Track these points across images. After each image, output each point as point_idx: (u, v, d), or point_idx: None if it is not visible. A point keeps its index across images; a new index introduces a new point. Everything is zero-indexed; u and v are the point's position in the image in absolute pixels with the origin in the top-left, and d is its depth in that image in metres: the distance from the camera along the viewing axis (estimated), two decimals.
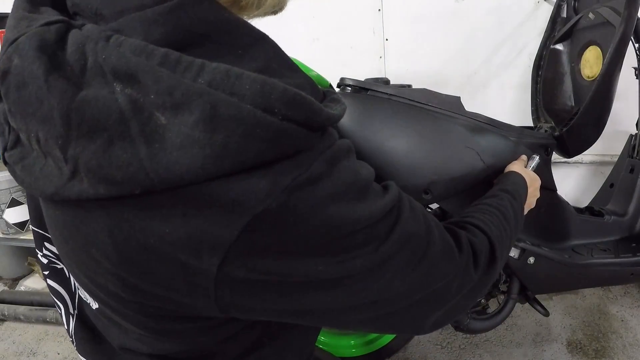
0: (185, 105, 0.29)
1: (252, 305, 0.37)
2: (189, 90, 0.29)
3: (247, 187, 0.31)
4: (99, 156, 0.30)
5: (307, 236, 0.33)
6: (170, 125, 0.29)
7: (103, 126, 0.30)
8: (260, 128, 0.30)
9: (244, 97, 0.30)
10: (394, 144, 0.97)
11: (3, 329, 1.81)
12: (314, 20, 1.77)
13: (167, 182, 0.30)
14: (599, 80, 1.09)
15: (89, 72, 0.31)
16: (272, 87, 0.30)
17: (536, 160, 1.01)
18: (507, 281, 1.26)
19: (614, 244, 1.29)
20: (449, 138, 1.00)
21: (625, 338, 1.52)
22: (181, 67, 0.30)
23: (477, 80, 1.79)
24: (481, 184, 1.04)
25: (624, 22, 1.02)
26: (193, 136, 0.29)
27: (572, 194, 1.87)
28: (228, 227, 0.31)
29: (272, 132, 0.30)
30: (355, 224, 0.36)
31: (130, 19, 0.32)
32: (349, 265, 0.36)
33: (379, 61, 1.81)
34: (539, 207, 1.18)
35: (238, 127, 0.29)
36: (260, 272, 0.34)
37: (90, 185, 0.31)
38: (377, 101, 0.98)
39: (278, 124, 0.30)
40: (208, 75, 0.30)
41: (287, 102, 0.31)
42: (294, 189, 0.32)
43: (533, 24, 1.67)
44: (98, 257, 0.35)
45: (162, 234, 0.32)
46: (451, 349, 1.51)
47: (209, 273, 0.33)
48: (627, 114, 1.46)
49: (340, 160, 0.36)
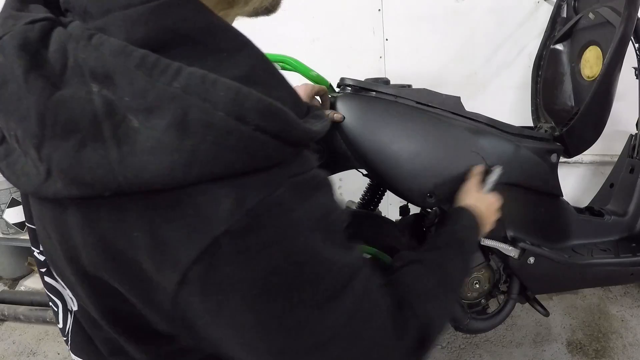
0: (158, 108, 0.29)
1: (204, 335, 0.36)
2: (162, 94, 0.29)
3: (213, 200, 0.30)
4: (71, 157, 0.30)
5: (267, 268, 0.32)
6: (142, 128, 0.29)
7: (77, 127, 0.30)
8: (231, 136, 0.29)
9: (217, 104, 0.29)
10: (397, 147, 0.97)
11: (3, 329, 1.81)
12: (314, 20, 1.77)
13: (135, 186, 0.29)
14: (599, 80, 1.09)
15: (69, 71, 0.31)
16: (247, 96, 0.30)
17: (497, 172, 0.96)
18: (507, 281, 1.26)
19: (614, 244, 1.29)
20: (452, 141, 1.00)
21: (625, 338, 1.52)
22: (157, 70, 0.30)
23: (477, 80, 1.79)
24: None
25: (624, 22, 1.02)
26: (163, 141, 0.29)
27: (572, 194, 1.87)
28: (190, 245, 0.30)
29: (243, 141, 0.29)
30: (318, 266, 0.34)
31: (114, 17, 0.32)
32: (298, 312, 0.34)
33: (379, 61, 1.81)
34: (540, 207, 1.18)
35: (208, 133, 0.29)
36: (216, 301, 0.32)
37: (63, 186, 0.31)
38: (380, 103, 0.98)
39: (250, 133, 0.29)
40: (183, 80, 0.29)
41: (261, 112, 0.30)
42: (260, 212, 0.30)
43: (533, 24, 1.67)
44: (72, 255, 0.35)
45: (130, 239, 0.31)
46: (451, 349, 1.51)
47: (168, 291, 0.32)
48: (627, 114, 1.46)
49: (314, 191, 0.34)
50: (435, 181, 0.99)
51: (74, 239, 0.34)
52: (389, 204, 1.96)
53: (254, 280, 0.32)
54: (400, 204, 1.47)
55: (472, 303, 1.25)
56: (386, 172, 0.98)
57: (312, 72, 1.04)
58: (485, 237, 1.13)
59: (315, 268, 0.34)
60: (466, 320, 1.20)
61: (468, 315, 1.20)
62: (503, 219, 1.12)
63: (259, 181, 0.31)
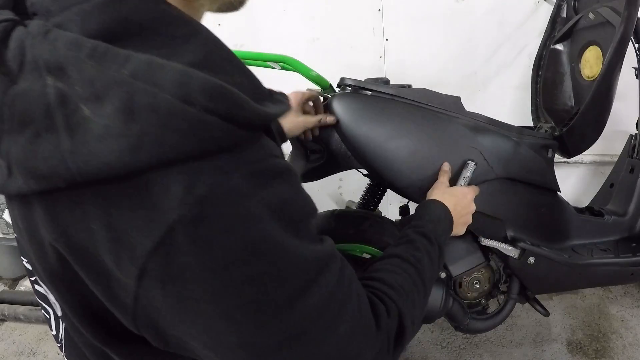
0: (107, 95, 0.29)
1: (171, 333, 0.35)
2: (110, 81, 0.29)
3: (164, 188, 0.29)
4: (26, 149, 0.30)
5: (226, 258, 0.31)
6: (93, 116, 0.29)
7: (31, 119, 0.30)
8: (177, 118, 0.29)
9: (163, 86, 0.29)
10: (396, 144, 0.97)
11: (3, 329, 1.81)
12: (314, 20, 1.77)
13: (86, 175, 0.29)
14: (599, 80, 1.09)
15: (26, 67, 0.31)
16: (193, 77, 0.29)
17: (471, 167, 0.96)
18: (507, 281, 1.26)
19: (614, 244, 1.29)
20: (451, 137, 1.00)
21: (625, 338, 1.52)
22: (107, 59, 0.30)
23: (477, 80, 1.79)
24: (483, 183, 1.04)
25: (624, 22, 1.02)
26: (111, 127, 0.28)
27: (572, 194, 1.87)
28: (145, 235, 0.30)
29: (189, 122, 0.29)
30: (281, 257, 0.34)
31: (71, 12, 0.32)
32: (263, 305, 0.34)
33: (379, 61, 1.81)
34: (539, 207, 1.18)
35: (154, 116, 0.28)
36: (177, 294, 0.32)
37: (23, 181, 0.31)
38: (379, 101, 0.98)
39: (196, 115, 0.29)
40: (131, 66, 0.29)
41: (207, 93, 0.29)
42: (212, 199, 0.30)
43: (533, 24, 1.67)
44: (42, 254, 0.35)
45: (90, 233, 0.31)
46: (451, 349, 1.51)
47: (129, 287, 0.32)
48: (627, 114, 1.46)
49: (273, 179, 0.34)
50: (434, 178, 0.99)
51: (41, 236, 0.34)
52: (389, 204, 1.96)
53: (213, 272, 0.31)
54: (400, 204, 1.47)
55: (472, 303, 1.25)
56: (385, 170, 0.98)
57: (312, 72, 1.04)
58: (485, 237, 1.13)
59: (278, 259, 0.33)
60: (466, 320, 1.20)
61: (468, 315, 1.20)
62: (503, 218, 1.12)
63: (211, 166, 0.30)
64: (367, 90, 0.99)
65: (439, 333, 1.58)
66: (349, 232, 1.16)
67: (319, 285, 0.37)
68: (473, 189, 0.88)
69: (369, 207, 1.32)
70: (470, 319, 1.20)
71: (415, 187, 0.99)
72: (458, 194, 0.84)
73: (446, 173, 0.93)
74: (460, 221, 0.80)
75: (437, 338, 1.56)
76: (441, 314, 1.13)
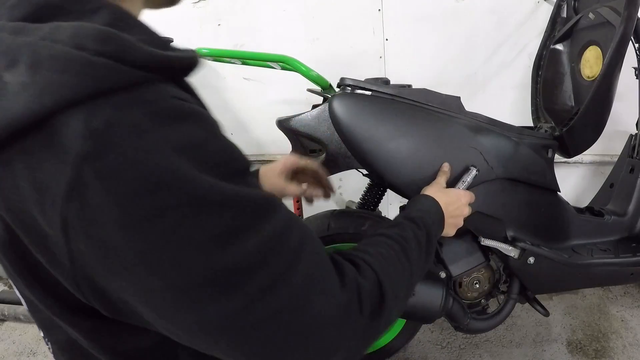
0: (20, 58, 0.32)
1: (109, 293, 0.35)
2: (21, 45, 0.33)
3: (68, 128, 0.31)
4: None
5: (131, 192, 0.32)
6: (10, 79, 0.32)
7: None
8: (73, 62, 0.32)
9: (62, 40, 0.33)
10: (396, 143, 0.97)
11: (3, 329, 1.81)
12: (314, 20, 1.77)
13: (4, 129, 0.31)
14: (599, 80, 1.09)
15: None
16: (86, 28, 0.33)
17: (472, 173, 0.97)
18: (507, 281, 1.26)
19: (614, 244, 1.29)
20: (451, 137, 1.00)
21: (625, 338, 1.52)
22: (23, 32, 0.34)
23: (477, 80, 1.79)
24: (484, 183, 1.04)
25: (624, 22, 1.02)
26: (22, 82, 0.32)
27: (572, 194, 1.87)
28: (59, 180, 0.31)
29: (83, 65, 0.32)
30: (191, 192, 0.33)
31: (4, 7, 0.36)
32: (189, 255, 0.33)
33: (379, 61, 1.81)
34: (539, 207, 1.18)
35: (54, 64, 0.32)
36: (99, 241, 0.32)
37: None
38: (379, 101, 0.98)
39: (88, 58, 0.32)
40: (41, 32, 0.33)
41: (98, 39, 0.33)
42: (108, 133, 0.31)
43: (533, 24, 1.67)
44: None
45: (20, 192, 0.33)
46: (451, 349, 1.51)
47: (60, 243, 0.33)
48: (627, 114, 1.46)
49: (176, 120, 0.34)
50: (434, 178, 0.99)
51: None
52: (389, 204, 1.96)
53: (121, 207, 0.31)
54: (401, 203, 1.48)
55: (472, 303, 1.25)
56: (385, 170, 0.98)
57: (312, 72, 1.04)
58: (485, 237, 1.13)
59: (190, 194, 0.33)
60: (466, 320, 1.20)
61: (468, 315, 1.20)
62: (503, 218, 1.12)
63: (107, 103, 0.32)
64: (367, 90, 0.99)
65: (439, 333, 1.58)
66: (349, 232, 1.16)
67: (257, 231, 0.36)
68: (469, 194, 0.87)
69: (369, 207, 1.32)
70: (470, 319, 1.20)
71: (415, 187, 0.99)
72: (452, 194, 0.84)
73: (445, 174, 0.93)
74: (451, 221, 0.79)
75: (437, 338, 1.56)
76: (441, 314, 1.13)
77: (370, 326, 0.47)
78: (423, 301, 1.10)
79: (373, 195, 1.31)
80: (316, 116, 1.12)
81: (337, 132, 0.99)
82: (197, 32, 1.87)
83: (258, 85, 1.88)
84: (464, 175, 0.97)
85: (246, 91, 1.90)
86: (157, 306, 0.35)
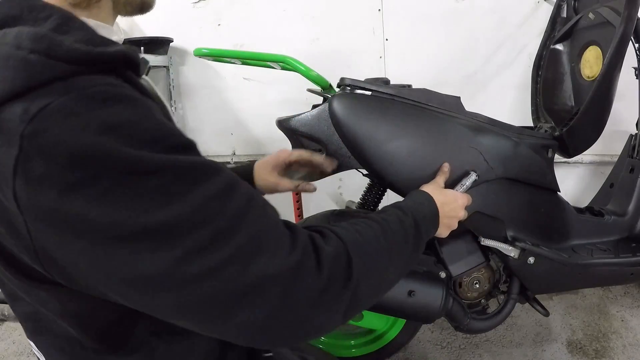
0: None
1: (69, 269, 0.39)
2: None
3: (12, 115, 0.36)
4: None
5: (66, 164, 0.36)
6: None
7: None
8: (12, 60, 0.37)
9: (8, 43, 0.39)
10: (396, 144, 0.97)
11: (3, 329, 1.81)
12: (314, 20, 1.77)
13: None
14: (599, 80, 1.09)
15: None
16: (24, 32, 0.39)
17: (472, 178, 0.96)
18: (507, 281, 1.26)
19: (614, 244, 1.29)
20: (451, 137, 1.00)
21: (625, 338, 1.52)
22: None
23: (477, 80, 1.79)
24: (483, 183, 1.04)
25: (624, 22, 1.02)
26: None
27: (572, 194, 1.87)
28: (8, 159, 0.36)
29: (20, 61, 0.37)
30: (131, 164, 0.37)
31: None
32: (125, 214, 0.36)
33: (379, 61, 1.81)
34: (539, 207, 1.18)
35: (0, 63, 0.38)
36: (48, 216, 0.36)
37: None
38: (378, 101, 0.98)
39: (24, 55, 0.38)
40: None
41: (32, 40, 0.38)
42: (44, 116, 0.36)
43: (533, 24, 1.67)
44: None
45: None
46: (451, 349, 1.51)
47: (17, 216, 0.37)
48: (627, 114, 1.46)
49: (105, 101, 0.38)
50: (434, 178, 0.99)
51: None
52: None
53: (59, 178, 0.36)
54: None
55: (472, 303, 1.25)
56: (385, 170, 0.98)
57: (312, 72, 1.04)
58: (485, 237, 1.13)
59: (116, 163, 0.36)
60: (466, 320, 1.20)
61: (468, 315, 1.20)
62: (503, 218, 1.12)
63: (44, 92, 0.37)
64: (367, 90, 0.99)
65: (439, 333, 1.58)
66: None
67: (196, 192, 0.39)
68: (466, 197, 0.86)
69: (369, 207, 1.32)
70: (470, 319, 1.20)
71: (414, 188, 0.99)
72: (449, 195, 0.82)
73: (444, 174, 0.92)
74: (445, 222, 0.78)
75: (437, 338, 1.56)
76: (441, 314, 1.13)
77: (336, 293, 0.47)
78: (423, 301, 1.10)
79: (373, 195, 1.31)
80: (316, 116, 1.12)
81: (337, 132, 0.99)
82: (197, 32, 1.87)
83: (258, 85, 1.88)
84: (463, 178, 0.97)
85: (246, 91, 1.90)
86: (98, 264, 0.38)
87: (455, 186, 0.95)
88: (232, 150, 1.98)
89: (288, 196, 1.67)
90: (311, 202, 1.96)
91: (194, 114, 1.97)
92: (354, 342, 1.41)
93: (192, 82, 1.97)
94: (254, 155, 1.96)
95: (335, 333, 1.46)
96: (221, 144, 1.98)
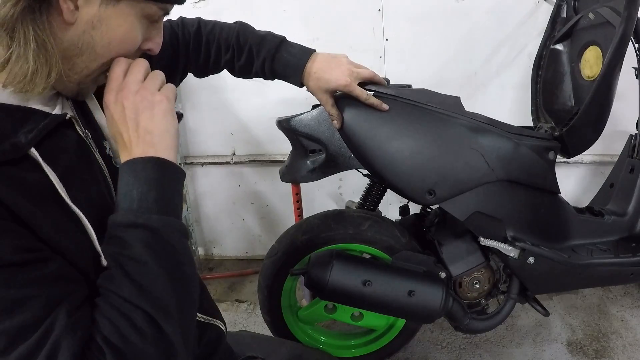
0: None
1: None
2: None
3: None
4: None
5: None
6: None
7: None
8: None
9: None
10: (397, 144, 0.97)
11: None
12: (314, 20, 1.77)
13: None
14: (599, 80, 1.09)
15: None
16: None
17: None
18: (507, 281, 1.26)
19: (614, 244, 1.29)
20: (453, 139, 1.00)
21: (625, 338, 1.52)
22: None
23: (477, 80, 1.79)
24: (484, 185, 1.04)
25: (624, 22, 1.02)
26: None
27: (572, 194, 1.87)
28: None
29: None
30: None
31: None
32: None
33: (379, 61, 1.81)
34: (539, 208, 1.18)
35: None
36: None
37: None
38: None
39: None
40: None
41: None
42: None
43: (533, 24, 1.67)
44: None
45: None
46: (451, 349, 1.51)
47: None
48: (627, 114, 1.46)
49: None
50: (435, 179, 0.99)
51: None
52: (389, 204, 1.96)
53: None
54: (400, 204, 1.47)
55: (472, 303, 1.25)
56: (386, 170, 0.98)
57: None
58: (485, 237, 1.13)
59: None
60: (466, 320, 1.20)
61: (468, 315, 1.20)
62: (503, 219, 1.12)
63: None
64: (367, 90, 0.99)
65: (439, 333, 1.58)
66: (348, 232, 1.16)
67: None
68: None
69: (369, 207, 1.32)
70: (470, 319, 1.20)
71: (415, 188, 0.99)
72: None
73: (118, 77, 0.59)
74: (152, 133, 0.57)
75: (437, 338, 1.56)
76: (441, 314, 1.13)
77: None
78: (423, 301, 1.10)
79: (373, 195, 1.31)
80: (316, 116, 1.12)
81: (339, 131, 1.00)
82: None
83: (258, 85, 1.88)
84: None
85: (246, 91, 1.90)
86: None
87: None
88: (232, 150, 1.98)
89: (288, 196, 1.66)
90: (311, 202, 1.96)
91: (194, 114, 1.97)
92: (354, 342, 1.41)
93: (192, 82, 1.97)
94: (254, 155, 1.96)
95: (335, 333, 1.46)
96: (221, 144, 1.98)
